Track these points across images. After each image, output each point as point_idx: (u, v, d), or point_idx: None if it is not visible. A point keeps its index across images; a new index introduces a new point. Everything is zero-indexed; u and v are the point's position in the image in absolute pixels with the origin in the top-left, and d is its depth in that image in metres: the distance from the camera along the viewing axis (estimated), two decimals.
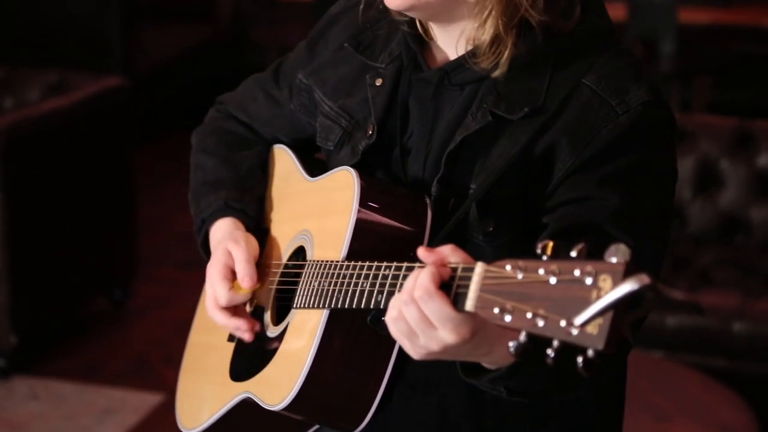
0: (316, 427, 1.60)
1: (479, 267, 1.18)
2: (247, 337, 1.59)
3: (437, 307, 1.20)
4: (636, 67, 1.44)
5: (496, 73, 1.41)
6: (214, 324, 1.70)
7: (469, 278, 1.19)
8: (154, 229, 5.25)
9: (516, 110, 1.41)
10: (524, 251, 1.20)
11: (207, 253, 1.70)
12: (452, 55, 1.48)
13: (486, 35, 1.40)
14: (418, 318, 1.22)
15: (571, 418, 1.54)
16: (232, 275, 1.60)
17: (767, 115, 4.67)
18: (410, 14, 1.48)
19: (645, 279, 1.02)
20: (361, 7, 1.58)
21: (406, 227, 1.45)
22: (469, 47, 1.45)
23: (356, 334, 1.46)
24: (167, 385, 3.97)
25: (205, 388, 1.72)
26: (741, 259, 3.79)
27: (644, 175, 1.39)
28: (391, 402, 1.49)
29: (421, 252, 1.24)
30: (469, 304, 1.18)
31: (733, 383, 3.25)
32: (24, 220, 3.99)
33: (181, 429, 1.73)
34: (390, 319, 1.26)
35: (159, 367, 4.15)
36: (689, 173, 3.93)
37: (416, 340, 1.24)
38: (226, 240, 1.62)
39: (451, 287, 1.21)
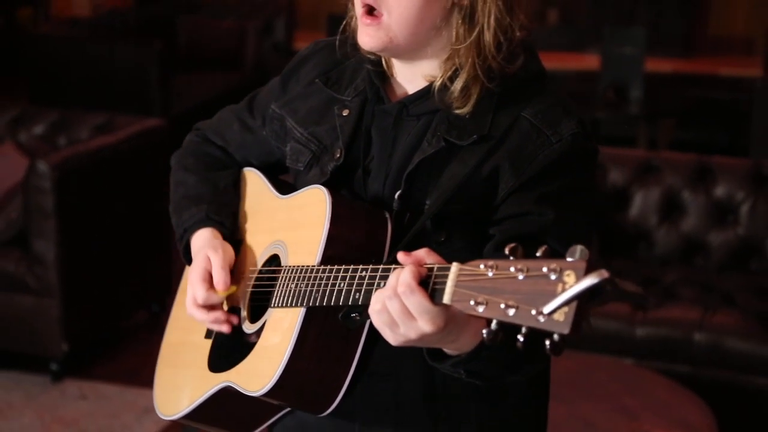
0: (288, 409, 1.61)
1: (454, 266, 1.22)
2: (225, 329, 1.60)
3: (417, 301, 1.24)
4: (566, 104, 1.49)
5: (464, 110, 1.45)
6: (191, 323, 1.72)
7: (445, 276, 1.23)
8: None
9: (465, 137, 1.45)
10: (473, 258, 1.23)
11: (188, 259, 1.72)
12: (410, 90, 1.53)
13: (460, 83, 1.45)
14: (400, 310, 1.26)
15: (508, 401, 1.57)
16: (210, 278, 1.61)
17: (723, 151, 4.69)
18: (379, 53, 1.52)
19: (604, 273, 1.06)
20: (337, 44, 1.62)
21: (370, 237, 1.47)
22: (425, 83, 1.50)
23: (329, 329, 1.47)
24: None
25: (183, 380, 1.71)
26: (701, 278, 3.79)
27: (574, 195, 1.45)
28: (355, 388, 1.51)
29: (401, 255, 1.29)
30: (446, 298, 1.22)
31: (694, 386, 3.25)
32: (74, 242, 4.00)
33: (160, 416, 1.73)
34: (374, 311, 1.30)
35: None
36: (655, 202, 3.94)
37: (397, 329, 1.28)
38: (206, 248, 1.64)
39: (428, 284, 1.25)
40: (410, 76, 1.53)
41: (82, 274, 4.06)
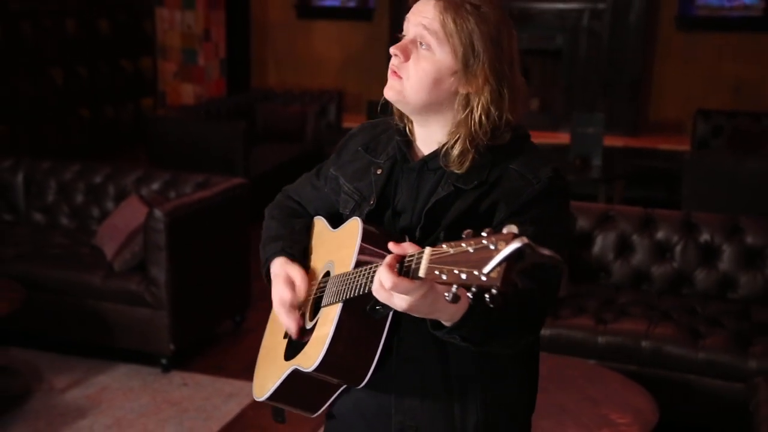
0: (343, 387, 1.61)
1: (427, 249, 1.23)
2: (294, 328, 1.62)
3: (388, 278, 1.27)
4: (542, 157, 1.52)
5: (460, 171, 1.50)
6: (277, 331, 1.74)
7: (421, 257, 1.24)
8: (261, 276, 5.26)
9: (469, 183, 1.49)
10: None
11: (268, 281, 1.75)
12: (426, 151, 1.57)
13: (456, 150, 1.50)
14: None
15: (507, 380, 1.58)
16: (293, 284, 1.65)
17: (661, 205, 4.67)
18: (398, 106, 1.57)
19: (524, 240, 1.08)
20: (379, 127, 1.70)
21: (388, 252, 1.48)
22: (437, 146, 1.55)
23: (360, 319, 1.48)
24: None
25: (268, 371, 1.73)
26: (646, 300, 3.77)
27: (550, 218, 1.46)
28: (391, 369, 1.53)
29: (391, 245, 1.31)
30: (422, 273, 1.22)
31: (642, 381, 3.23)
32: (180, 269, 4.03)
33: (255, 398, 1.75)
34: (374, 290, 1.32)
35: None
36: (612, 243, 3.93)
37: (392, 300, 1.30)
38: (287, 266, 1.68)
39: (410, 266, 1.26)
40: (426, 141, 1.57)
41: (186, 292, 4.09)
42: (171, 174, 4.72)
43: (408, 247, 1.29)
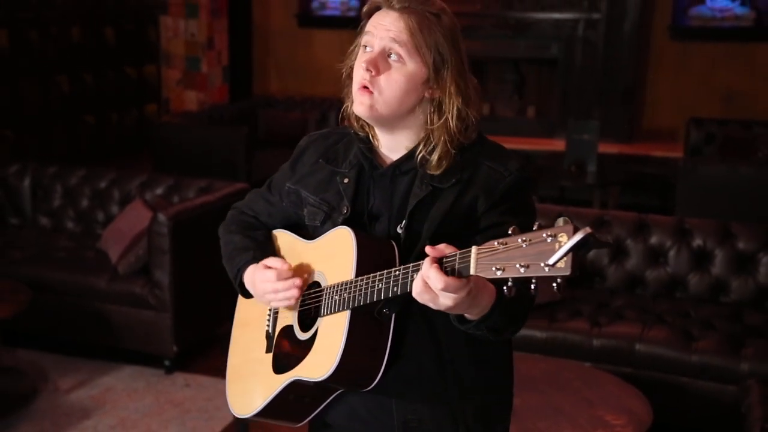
0: (335, 394, 1.60)
1: (474, 248, 1.25)
2: (296, 294, 1.58)
3: (436, 277, 1.28)
4: (505, 150, 1.57)
5: (437, 173, 1.52)
6: (249, 347, 1.72)
7: (468, 255, 1.25)
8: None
9: (445, 182, 1.51)
10: None
11: (242, 292, 1.73)
12: (394, 157, 1.58)
13: (436, 155, 1.52)
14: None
15: (491, 363, 1.61)
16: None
17: (655, 211, 4.67)
18: (368, 121, 1.57)
19: (588, 230, 1.11)
20: (331, 138, 1.69)
21: (384, 255, 1.49)
22: (404, 150, 1.56)
23: (368, 324, 1.48)
24: None
25: (254, 387, 1.68)
26: (640, 303, 3.76)
27: (523, 207, 1.52)
28: (389, 368, 1.53)
29: (428, 248, 1.32)
30: (472, 270, 1.24)
31: (636, 383, 3.22)
32: (183, 272, 4.03)
33: (238, 416, 1.71)
34: (417, 293, 1.32)
35: None
36: (607, 248, 3.93)
37: (437, 300, 1.31)
38: (261, 262, 1.65)
39: (454, 265, 1.27)
40: (393, 147, 1.58)
41: (188, 295, 4.08)
42: (174, 179, 4.72)
43: (445, 249, 1.31)
